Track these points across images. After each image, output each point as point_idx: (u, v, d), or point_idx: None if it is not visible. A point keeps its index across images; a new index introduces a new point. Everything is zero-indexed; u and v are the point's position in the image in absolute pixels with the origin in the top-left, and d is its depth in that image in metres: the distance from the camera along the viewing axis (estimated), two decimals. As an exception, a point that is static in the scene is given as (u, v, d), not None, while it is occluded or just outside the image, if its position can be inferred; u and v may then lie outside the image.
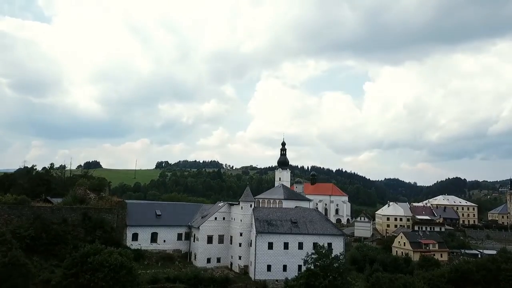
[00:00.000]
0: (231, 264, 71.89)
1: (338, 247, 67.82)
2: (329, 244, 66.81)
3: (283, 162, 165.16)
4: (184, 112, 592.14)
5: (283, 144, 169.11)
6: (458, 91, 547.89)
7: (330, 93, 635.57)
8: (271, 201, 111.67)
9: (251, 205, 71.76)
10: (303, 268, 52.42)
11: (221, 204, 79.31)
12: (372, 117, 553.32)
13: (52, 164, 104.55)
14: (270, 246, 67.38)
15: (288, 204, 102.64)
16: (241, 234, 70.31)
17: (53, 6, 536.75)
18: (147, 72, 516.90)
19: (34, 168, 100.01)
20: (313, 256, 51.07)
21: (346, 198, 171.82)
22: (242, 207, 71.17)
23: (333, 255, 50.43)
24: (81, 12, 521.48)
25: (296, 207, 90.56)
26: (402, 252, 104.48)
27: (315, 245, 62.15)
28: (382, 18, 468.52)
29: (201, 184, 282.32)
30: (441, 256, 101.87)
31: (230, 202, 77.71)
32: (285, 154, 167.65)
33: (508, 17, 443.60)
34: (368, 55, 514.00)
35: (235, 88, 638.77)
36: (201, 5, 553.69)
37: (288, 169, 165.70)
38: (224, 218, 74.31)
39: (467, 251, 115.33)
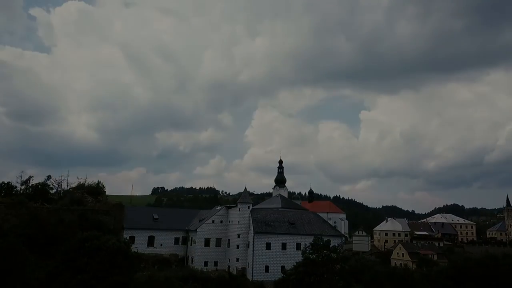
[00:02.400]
0: (229, 267, 71.10)
1: (336, 247, 67.43)
2: (327, 244, 66.47)
3: (280, 180, 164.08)
4: (181, 141, 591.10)
5: (280, 162, 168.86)
6: (454, 120, 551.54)
7: (327, 122, 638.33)
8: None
9: (248, 207, 71.85)
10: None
11: (218, 207, 79.31)
12: (368, 146, 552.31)
13: (49, 176, 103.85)
14: (268, 246, 67.06)
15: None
16: (238, 236, 70.01)
17: (53, 37, 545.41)
18: (145, 101, 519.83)
19: (31, 178, 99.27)
20: (311, 248, 51.07)
21: (344, 216, 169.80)
22: (239, 208, 71.25)
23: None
24: (80, 42, 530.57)
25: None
26: (401, 263, 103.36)
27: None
28: (378, 48, 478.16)
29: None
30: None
31: (228, 205, 77.62)
32: (282, 173, 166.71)
33: (501, 47, 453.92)
34: (364, 84, 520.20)
35: (233, 117, 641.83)
36: (198, 35, 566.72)
37: (285, 187, 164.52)
38: (221, 221, 74.21)
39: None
